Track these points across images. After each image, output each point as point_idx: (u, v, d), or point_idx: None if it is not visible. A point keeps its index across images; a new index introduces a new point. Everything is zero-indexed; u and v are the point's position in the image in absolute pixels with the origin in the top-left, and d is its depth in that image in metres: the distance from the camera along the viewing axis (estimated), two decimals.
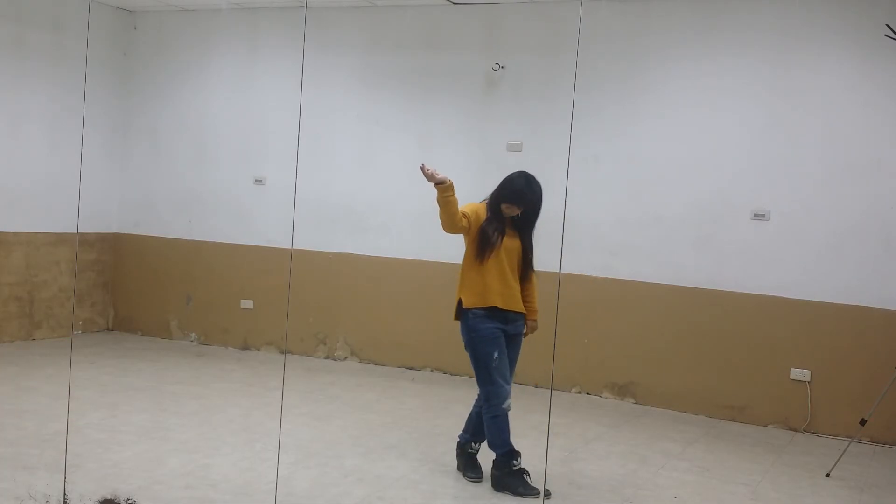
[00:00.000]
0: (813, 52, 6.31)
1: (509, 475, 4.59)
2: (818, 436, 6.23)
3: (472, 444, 4.84)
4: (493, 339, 4.61)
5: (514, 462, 4.62)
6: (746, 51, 6.48)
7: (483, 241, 4.69)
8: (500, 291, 4.66)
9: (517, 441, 5.55)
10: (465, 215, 4.70)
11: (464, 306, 4.71)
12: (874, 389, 5.82)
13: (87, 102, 8.14)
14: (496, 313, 4.65)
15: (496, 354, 4.59)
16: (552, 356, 6.94)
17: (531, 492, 4.53)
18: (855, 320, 6.19)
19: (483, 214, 4.78)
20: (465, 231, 4.72)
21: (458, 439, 4.92)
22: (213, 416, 5.70)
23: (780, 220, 6.41)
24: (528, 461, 5.11)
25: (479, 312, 4.65)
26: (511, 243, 4.74)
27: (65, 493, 4.07)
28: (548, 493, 4.57)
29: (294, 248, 7.89)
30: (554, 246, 6.97)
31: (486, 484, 4.68)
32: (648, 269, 6.77)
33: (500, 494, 4.54)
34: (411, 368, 7.55)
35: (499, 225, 4.73)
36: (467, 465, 4.82)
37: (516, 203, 4.77)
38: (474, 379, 4.72)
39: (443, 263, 7.45)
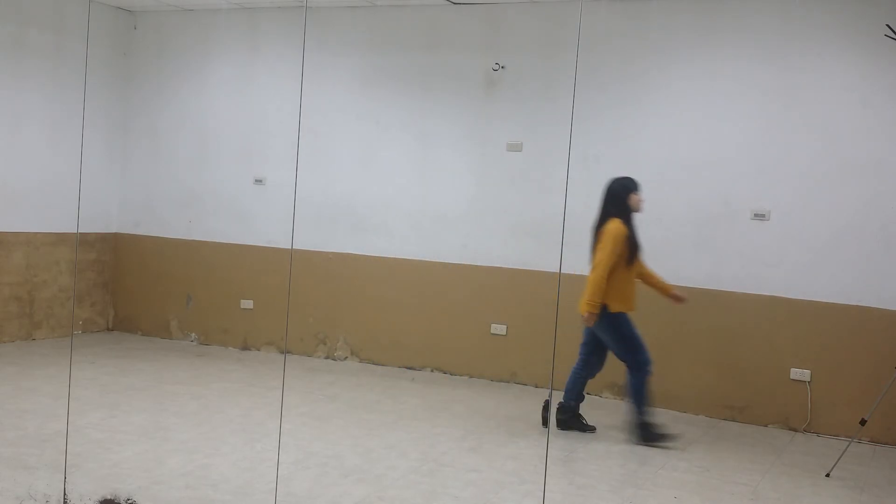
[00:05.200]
0: (813, 53, 6.32)
1: (644, 427, 5.61)
2: (818, 436, 6.23)
3: (578, 405, 5.86)
4: (631, 322, 5.74)
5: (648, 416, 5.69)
6: (746, 51, 6.49)
7: (632, 248, 5.64)
8: (633, 296, 5.76)
9: (516, 441, 5.56)
10: (611, 250, 5.60)
11: (610, 311, 5.64)
12: (874, 389, 5.82)
13: (88, 102, 8.14)
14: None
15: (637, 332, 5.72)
16: (552, 356, 6.95)
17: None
18: (855, 320, 6.19)
19: (619, 232, 5.59)
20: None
21: (562, 402, 5.86)
22: (213, 416, 5.70)
23: (780, 220, 6.41)
24: (528, 461, 5.12)
25: (622, 315, 5.69)
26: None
27: (65, 493, 4.07)
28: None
29: (294, 248, 7.90)
30: (554, 246, 7.02)
31: (487, 484, 4.68)
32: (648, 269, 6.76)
33: (500, 493, 4.55)
34: (411, 368, 7.56)
35: (634, 231, 5.65)
36: (573, 422, 5.82)
37: (639, 188, 5.73)
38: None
39: (443, 263, 7.46)
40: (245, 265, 8.13)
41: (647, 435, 5.62)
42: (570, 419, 5.83)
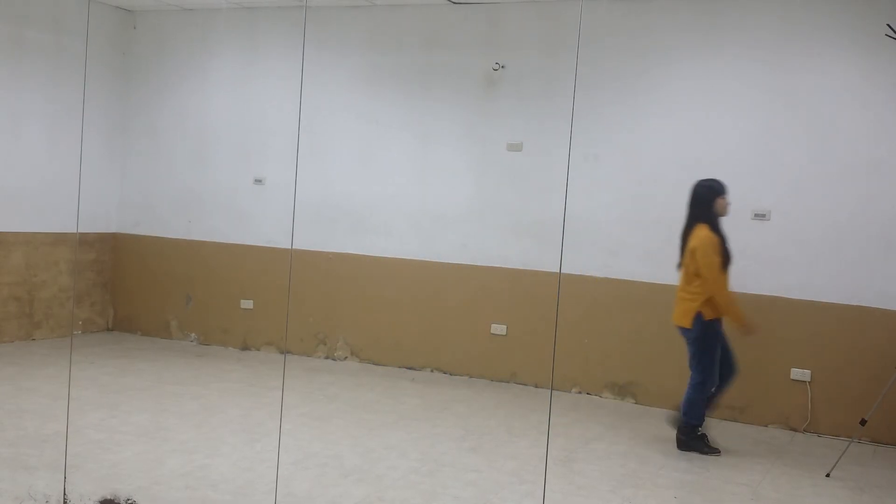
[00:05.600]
0: (813, 52, 6.31)
1: (696, 439, 5.53)
2: (818, 436, 6.23)
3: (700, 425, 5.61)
4: (719, 336, 5.55)
5: (699, 429, 5.56)
6: (746, 50, 6.48)
7: (726, 258, 5.49)
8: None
9: (516, 441, 5.56)
10: (714, 259, 5.41)
11: (704, 319, 5.44)
12: (874, 389, 5.82)
13: (87, 102, 8.14)
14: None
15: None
16: (552, 356, 6.95)
17: (713, 451, 5.50)
18: (855, 320, 6.18)
19: (711, 239, 5.43)
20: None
21: (699, 428, 5.60)
22: (213, 417, 5.70)
23: (780, 220, 6.41)
24: (528, 461, 5.12)
25: (714, 323, 5.48)
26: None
27: (65, 494, 4.07)
28: (717, 451, 5.53)
29: (294, 248, 7.90)
30: (554, 246, 7.02)
31: (487, 484, 4.68)
32: (648, 269, 6.77)
33: (500, 493, 4.54)
34: (411, 368, 7.55)
35: (724, 237, 5.50)
36: (704, 444, 5.55)
37: (726, 191, 5.59)
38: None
39: (443, 263, 7.46)
40: (245, 265, 8.13)
41: (690, 445, 5.54)
42: (690, 439, 5.56)
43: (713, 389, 5.61)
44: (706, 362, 5.51)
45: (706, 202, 5.54)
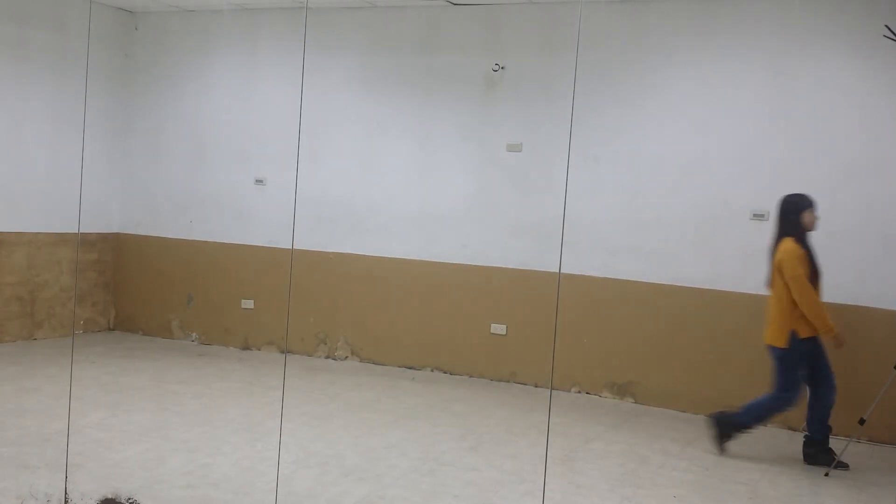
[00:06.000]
0: (813, 53, 6.33)
1: (727, 428, 5.58)
2: None
3: (826, 438, 5.49)
4: (810, 354, 5.43)
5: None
6: (746, 51, 6.50)
7: (812, 269, 5.38)
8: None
9: (516, 440, 5.57)
10: (800, 272, 5.32)
11: (800, 337, 5.34)
12: (873, 389, 5.83)
13: (89, 103, 8.16)
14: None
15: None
16: (552, 356, 6.96)
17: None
18: (854, 320, 6.19)
19: (796, 252, 5.35)
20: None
21: (808, 436, 5.53)
22: (214, 416, 5.72)
23: None
24: (528, 461, 5.14)
25: (809, 341, 5.38)
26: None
27: (66, 493, 4.09)
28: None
29: (295, 248, 7.91)
30: (554, 246, 7.03)
31: (487, 483, 4.70)
32: (648, 269, 6.79)
33: (499, 492, 4.56)
34: (411, 368, 7.57)
35: (811, 251, 5.42)
36: (821, 456, 5.45)
37: (815, 205, 5.47)
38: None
39: (443, 263, 7.48)
40: (246, 265, 8.14)
41: (726, 435, 5.58)
42: (817, 453, 5.47)
43: (822, 412, 5.46)
44: (790, 380, 5.38)
45: (792, 216, 5.45)
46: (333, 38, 7.81)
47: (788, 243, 5.39)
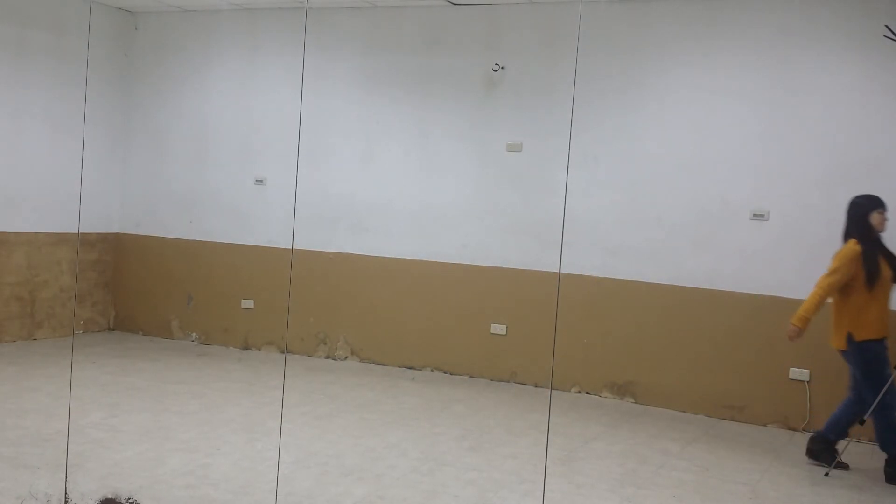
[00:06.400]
0: (813, 53, 6.33)
1: (828, 451, 5.38)
2: None
3: (836, 441, 5.43)
4: (888, 362, 5.26)
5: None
6: (746, 51, 6.50)
7: (870, 269, 5.20)
8: (885, 319, 5.26)
9: (516, 440, 5.57)
10: (835, 270, 5.26)
11: (856, 339, 5.23)
12: None
13: (89, 103, 8.16)
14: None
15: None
16: (552, 356, 6.96)
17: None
18: None
19: (849, 252, 5.25)
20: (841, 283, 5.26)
21: (820, 433, 5.46)
22: (214, 416, 5.72)
23: (779, 220, 6.42)
24: (528, 461, 5.14)
25: (870, 343, 5.22)
26: (885, 268, 5.25)
27: (66, 493, 4.09)
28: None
29: (294, 248, 7.91)
30: (554, 246, 7.03)
31: (487, 483, 4.70)
32: (648, 269, 6.79)
33: (499, 492, 4.56)
34: (411, 368, 7.57)
35: (874, 250, 5.25)
36: (825, 455, 5.40)
37: (884, 206, 5.30)
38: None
39: (443, 263, 7.48)
40: (245, 265, 8.14)
41: (826, 452, 5.43)
42: (821, 450, 5.42)
43: (849, 417, 5.38)
44: (874, 384, 5.21)
45: (859, 217, 5.36)
46: (333, 38, 7.81)
47: (850, 244, 5.31)
